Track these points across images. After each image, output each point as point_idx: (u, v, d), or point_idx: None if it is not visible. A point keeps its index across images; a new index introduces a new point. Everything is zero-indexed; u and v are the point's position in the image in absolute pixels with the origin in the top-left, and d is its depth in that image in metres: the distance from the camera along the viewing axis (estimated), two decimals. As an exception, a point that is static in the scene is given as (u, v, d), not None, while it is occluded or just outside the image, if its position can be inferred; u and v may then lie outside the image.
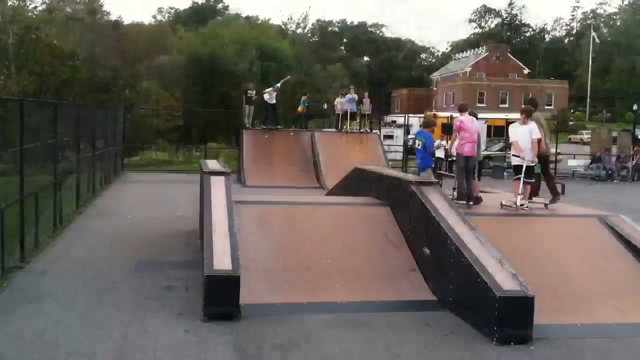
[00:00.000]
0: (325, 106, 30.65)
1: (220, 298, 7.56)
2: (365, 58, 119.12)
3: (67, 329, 7.10)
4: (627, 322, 7.79)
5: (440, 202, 9.48)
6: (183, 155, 37.91)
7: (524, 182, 10.61)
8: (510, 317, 7.06)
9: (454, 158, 26.62)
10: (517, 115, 12.10)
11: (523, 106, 11.23)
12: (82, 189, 16.18)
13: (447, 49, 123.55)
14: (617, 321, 7.79)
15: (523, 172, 10.61)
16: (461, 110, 11.61)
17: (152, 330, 7.15)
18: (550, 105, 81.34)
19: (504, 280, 7.33)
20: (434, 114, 36.74)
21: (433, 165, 11.76)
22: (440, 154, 23.79)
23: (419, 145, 11.77)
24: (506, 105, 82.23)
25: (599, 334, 7.45)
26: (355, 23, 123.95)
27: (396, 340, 7.04)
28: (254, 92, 26.65)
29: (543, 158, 11.28)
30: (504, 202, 10.85)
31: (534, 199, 11.40)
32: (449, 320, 7.78)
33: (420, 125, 12.48)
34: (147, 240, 11.98)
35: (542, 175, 11.71)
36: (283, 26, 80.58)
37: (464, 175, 11.02)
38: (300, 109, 28.04)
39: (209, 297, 7.55)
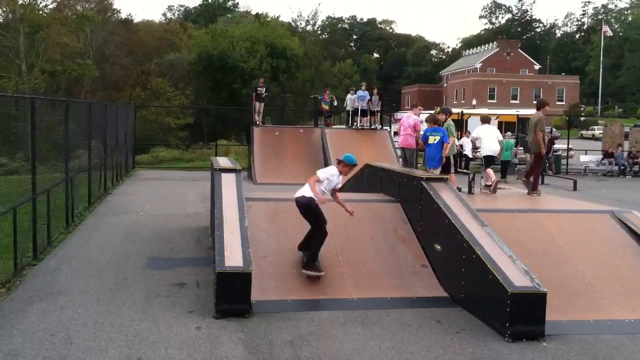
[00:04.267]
0: (335, 103, 30.61)
1: (232, 295, 7.57)
2: (375, 55, 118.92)
3: (80, 326, 7.13)
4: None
5: (451, 198, 9.45)
6: (193, 152, 38.02)
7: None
8: (523, 314, 7.03)
9: (467, 154, 26.83)
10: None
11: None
12: (94, 186, 16.25)
13: (457, 45, 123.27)
14: (630, 318, 7.73)
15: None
16: (412, 106, 14.24)
17: (164, 327, 7.17)
18: (562, 100, 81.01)
19: (516, 277, 7.30)
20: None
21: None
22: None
23: (435, 140, 11.91)
24: (517, 101, 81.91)
25: (612, 330, 7.40)
26: (365, 20, 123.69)
27: (407, 337, 7.03)
28: (264, 88, 26.68)
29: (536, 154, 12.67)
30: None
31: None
32: (460, 317, 7.75)
33: (435, 122, 12.58)
34: (158, 238, 12.02)
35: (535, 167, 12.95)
36: (293, 23, 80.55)
37: (406, 163, 13.40)
38: (324, 105, 27.97)
39: (221, 294, 7.56)
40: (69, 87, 45.42)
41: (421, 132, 12.84)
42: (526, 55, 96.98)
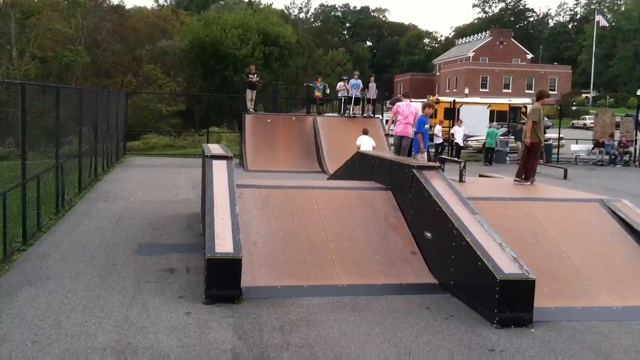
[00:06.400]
0: (328, 90, 30.63)
1: (222, 281, 7.57)
2: (368, 43, 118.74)
3: (69, 311, 7.13)
4: (627, 305, 7.79)
5: (441, 186, 9.47)
6: (185, 139, 37.92)
7: None
8: (511, 300, 7.06)
9: (458, 142, 27.03)
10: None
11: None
12: (84, 172, 16.20)
13: (450, 33, 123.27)
14: (618, 305, 7.79)
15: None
16: (405, 96, 13.98)
17: (154, 313, 7.17)
18: (554, 90, 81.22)
19: (505, 264, 7.34)
20: (437, 99, 36.70)
21: (427, 148, 12.68)
22: (438, 140, 24.33)
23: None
24: (509, 91, 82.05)
25: (600, 317, 7.45)
26: (358, 8, 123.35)
27: (396, 323, 7.06)
28: (256, 75, 26.57)
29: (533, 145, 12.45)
30: None
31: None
32: (449, 304, 7.79)
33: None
34: (149, 224, 12.00)
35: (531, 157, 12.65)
36: (285, 10, 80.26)
37: (399, 152, 13.21)
38: (317, 92, 27.95)
39: (211, 279, 7.56)
40: (60, 74, 45.08)
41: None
42: (519, 45, 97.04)
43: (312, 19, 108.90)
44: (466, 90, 73.36)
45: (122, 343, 6.30)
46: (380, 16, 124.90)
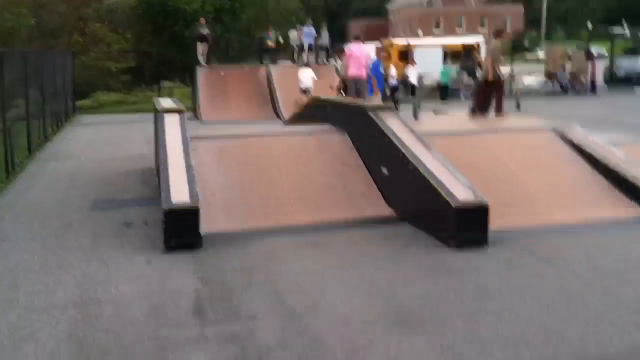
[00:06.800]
0: (282, 40, 30.29)
1: (181, 230, 7.48)
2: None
3: (26, 271, 6.98)
4: (579, 221, 8.09)
5: (396, 124, 9.53)
6: (136, 95, 37.16)
7: None
8: (467, 226, 7.24)
9: (412, 82, 27.06)
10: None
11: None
12: (33, 134, 15.81)
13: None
14: (570, 221, 8.07)
15: None
16: (356, 39, 14.47)
17: (113, 266, 7.07)
18: (507, 29, 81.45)
19: (459, 191, 7.47)
20: (391, 43, 36.54)
21: (383, 91, 12.69)
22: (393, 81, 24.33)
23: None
24: (462, 30, 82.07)
25: (553, 233, 7.72)
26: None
27: (357, 254, 7.16)
28: (206, 29, 26.09)
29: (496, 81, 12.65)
30: None
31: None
32: (407, 233, 7.91)
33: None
34: (102, 180, 11.80)
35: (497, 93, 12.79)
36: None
37: (355, 93, 13.35)
38: (269, 42, 27.56)
39: (169, 230, 7.46)
40: (4, 37, 43.56)
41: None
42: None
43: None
44: (420, 33, 73.14)
45: (84, 297, 6.18)
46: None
